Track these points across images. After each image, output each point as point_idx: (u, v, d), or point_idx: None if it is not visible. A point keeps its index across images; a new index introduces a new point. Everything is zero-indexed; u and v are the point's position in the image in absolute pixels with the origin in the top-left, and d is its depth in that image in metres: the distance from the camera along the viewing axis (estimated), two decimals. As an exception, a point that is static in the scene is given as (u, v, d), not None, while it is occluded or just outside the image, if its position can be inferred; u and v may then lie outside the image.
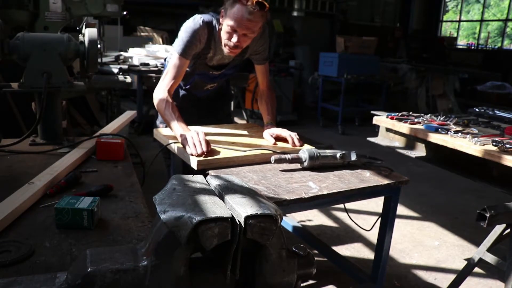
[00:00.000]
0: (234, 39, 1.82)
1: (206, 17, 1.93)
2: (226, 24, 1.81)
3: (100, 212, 1.10)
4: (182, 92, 2.25)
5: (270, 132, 1.96)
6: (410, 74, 7.51)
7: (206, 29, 1.91)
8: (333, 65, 6.71)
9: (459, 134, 2.34)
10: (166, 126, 2.27)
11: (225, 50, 1.90)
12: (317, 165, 1.65)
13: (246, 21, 1.76)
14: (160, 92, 1.92)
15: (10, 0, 2.78)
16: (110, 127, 1.91)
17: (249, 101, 6.38)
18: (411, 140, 2.80)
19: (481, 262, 2.03)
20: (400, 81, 7.57)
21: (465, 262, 2.17)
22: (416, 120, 2.67)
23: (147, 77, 4.82)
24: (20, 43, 1.61)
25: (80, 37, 1.72)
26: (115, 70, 3.53)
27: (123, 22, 5.76)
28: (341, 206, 2.10)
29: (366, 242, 2.94)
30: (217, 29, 1.93)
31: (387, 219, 1.74)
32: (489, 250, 1.96)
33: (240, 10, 1.75)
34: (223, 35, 1.86)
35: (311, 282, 2.39)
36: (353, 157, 1.72)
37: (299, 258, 0.76)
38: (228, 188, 0.79)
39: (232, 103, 2.61)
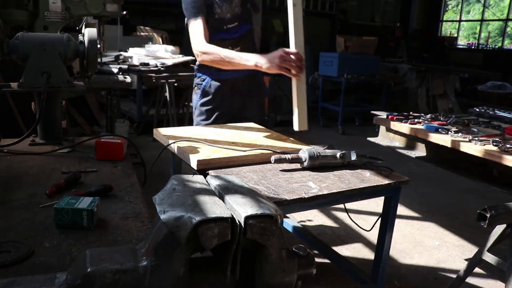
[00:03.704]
0: None
1: None
2: None
3: (100, 212, 1.10)
4: (215, 84, 2.22)
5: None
6: (410, 74, 7.50)
7: None
8: (333, 65, 6.71)
9: (460, 134, 2.34)
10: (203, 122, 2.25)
11: None
12: (317, 165, 1.65)
13: None
14: (200, 46, 2.02)
15: (10, 0, 2.78)
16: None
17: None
18: (411, 140, 2.80)
19: (482, 262, 2.03)
20: (400, 81, 7.57)
21: (466, 262, 2.17)
22: (416, 120, 2.67)
23: (147, 77, 4.83)
24: (19, 42, 1.60)
25: (80, 37, 1.71)
26: (115, 70, 3.52)
27: (123, 22, 5.74)
28: (341, 206, 2.09)
29: (366, 242, 2.94)
30: None
31: (387, 219, 1.73)
32: (490, 250, 1.96)
33: None
34: None
35: (311, 282, 2.39)
36: (353, 157, 1.71)
37: (299, 258, 0.76)
38: (228, 188, 0.79)
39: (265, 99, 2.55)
